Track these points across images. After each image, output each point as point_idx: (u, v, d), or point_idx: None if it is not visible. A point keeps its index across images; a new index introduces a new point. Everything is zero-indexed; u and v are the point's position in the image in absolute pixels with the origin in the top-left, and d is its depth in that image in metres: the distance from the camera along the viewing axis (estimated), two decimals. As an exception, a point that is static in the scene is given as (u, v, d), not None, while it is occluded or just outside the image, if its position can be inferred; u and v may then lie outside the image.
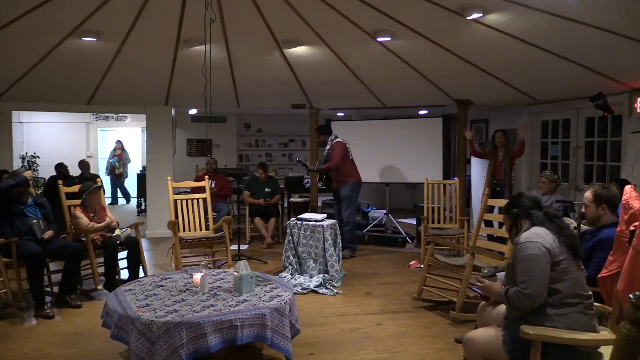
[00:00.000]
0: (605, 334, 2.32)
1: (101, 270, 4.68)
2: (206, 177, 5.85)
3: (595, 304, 2.47)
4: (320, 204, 7.83)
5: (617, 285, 2.45)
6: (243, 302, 3.03)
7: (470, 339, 2.47)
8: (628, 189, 2.63)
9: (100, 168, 11.59)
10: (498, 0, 3.57)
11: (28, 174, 4.45)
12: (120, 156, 11.06)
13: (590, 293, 2.31)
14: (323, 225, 5.06)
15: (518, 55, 4.68)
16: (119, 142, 11.20)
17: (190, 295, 3.18)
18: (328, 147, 6.29)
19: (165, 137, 7.58)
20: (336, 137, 6.28)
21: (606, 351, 2.24)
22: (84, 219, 4.58)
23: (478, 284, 2.64)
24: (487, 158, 6.47)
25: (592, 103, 4.82)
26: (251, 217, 7.03)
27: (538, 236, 2.28)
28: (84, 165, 8.21)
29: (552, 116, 7.07)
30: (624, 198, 2.60)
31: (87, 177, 7.46)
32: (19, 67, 5.43)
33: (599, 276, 2.71)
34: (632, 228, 2.39)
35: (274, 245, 6.80)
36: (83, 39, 4.59)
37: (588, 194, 3.12)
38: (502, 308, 2.55)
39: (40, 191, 7.88)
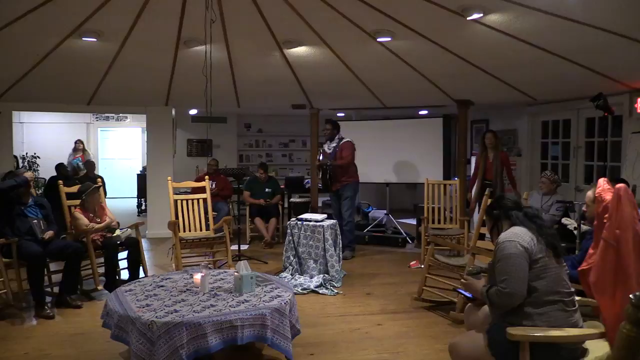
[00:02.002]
0: (591, 329, 2.29)
1: (101, 270, 4.68)
2: (206, 177, 5.85)
3: (581, 298, 2.46)
4: (320, 204, 7.82)
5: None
6: (243, 302, 3.03)
7: (455, 344, 2.45)
8: (601, 181, 2.60)
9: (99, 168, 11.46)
10: (498, 0, 3.57)
11: (28, 174, 4.46)
12: (82, 157, 9.18)
13: (572, 289, 2.31)
14: (323, 225, 5.06)
15: (518, 55, 4.68)
16: (79, 141, 9.60)
17: (190, 295, 3.18)
18: (334, 145, 6.28)
19: (165, 137, 7.59)
20: (343, 137, 6.30)
21: (591, 346, 2.25)
22: (83, 220, 4.59)
23: (462, 281, 2.65)
24: (479, 161, 6.35)
25: (592, 103, 4.82)
26: (251, 217, 7.03)
27: (515, 235, 2.30)
28: (89, 164, 8.21)
29: (552, 116, 7.08)
30: (596, 191, 2.59)
31: (92, 177, 7.46)
32: (19, 67, 5.43)
33: (578, 269, 2.69)
34: (604, 220, 2.38)
35: (274, 245, 6.81)
36: (83, 39, 4.59)
37: (590, 194, 3.12)
38: (487, 310, 2.54)
39: (40, 191, 7.88)
